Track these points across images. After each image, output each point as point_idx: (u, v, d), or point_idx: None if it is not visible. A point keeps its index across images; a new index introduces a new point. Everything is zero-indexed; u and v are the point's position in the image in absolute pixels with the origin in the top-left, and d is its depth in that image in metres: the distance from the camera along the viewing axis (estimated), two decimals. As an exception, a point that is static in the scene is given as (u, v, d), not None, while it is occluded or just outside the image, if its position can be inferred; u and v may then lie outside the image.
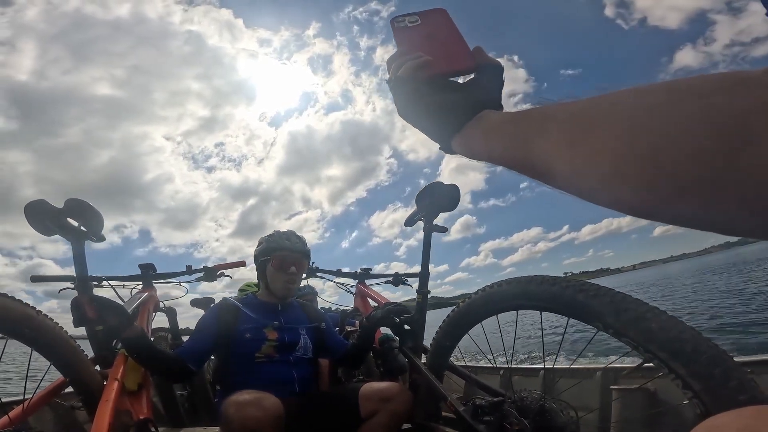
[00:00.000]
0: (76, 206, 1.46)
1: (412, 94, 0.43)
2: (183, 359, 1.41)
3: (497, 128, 0.36)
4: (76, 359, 1.34)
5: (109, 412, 1.12)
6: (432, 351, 1.46)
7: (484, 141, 0.37)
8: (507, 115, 0.37)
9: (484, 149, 0.38)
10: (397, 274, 2.35)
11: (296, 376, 1.52)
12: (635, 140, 0.23)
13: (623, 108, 0.24)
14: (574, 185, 0.28)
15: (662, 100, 0.22)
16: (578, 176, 0.27)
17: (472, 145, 0.40)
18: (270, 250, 1.62)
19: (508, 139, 0.34)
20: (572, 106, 0.29)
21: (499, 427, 1.11)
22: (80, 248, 1.53)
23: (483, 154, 0.38)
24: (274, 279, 1.62)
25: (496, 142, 0.35)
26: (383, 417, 1.34)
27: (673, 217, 0.23)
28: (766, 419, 0.35)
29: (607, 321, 0.86)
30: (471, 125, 0.40)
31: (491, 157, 0.37)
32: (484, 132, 0.38)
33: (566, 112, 0.29)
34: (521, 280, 1.11)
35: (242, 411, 1.18)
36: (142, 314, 1.69)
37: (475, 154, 0.40)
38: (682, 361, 0.73)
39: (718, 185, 0.20)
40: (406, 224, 1.73)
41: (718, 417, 0.38)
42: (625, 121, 0.24)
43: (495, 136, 0.36)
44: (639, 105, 0.24)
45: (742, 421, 0.36)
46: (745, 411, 0.38)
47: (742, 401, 0.66)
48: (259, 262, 1.65)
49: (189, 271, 2.01)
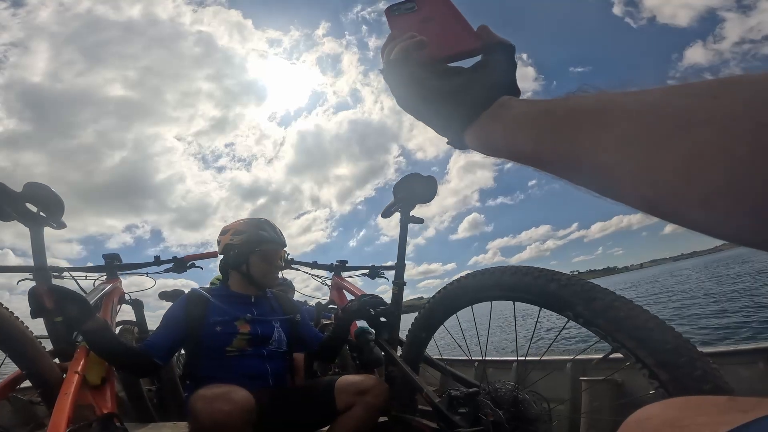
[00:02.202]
0: (36, 191, 1.38)
1: (408, 79, 0.39)
2: (148, 353, 1.36)
3: (529, 120, 0.31)
4: (32, 351, 1.28)
5: (68, 407, 1.07)
6: (407, 343, 1.45)
7: (510, 134, 0.32)
8: (539, 104, 0.32)
9: (509, 144, 0.32)
10: (374, 267, 2.33)
11: (270, 369, 1.48)
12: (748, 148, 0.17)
13: (722, 104, 0.19)
14: (643, 195, 0.22)
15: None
16: (659, 186, 0.21)
17: (493, 139, 0.34)
18: (258, 242, 1.56)
19: (547, 134, 0.28)
20: (635, 98, 0.24)
21: (474, 417, 1.11)
22: (39, 235, 1.45)
23: (505, 150, 0.33)
24: (262, 271, 1.57)
25: (527, 136, 0.30)
26: (359, 410, 1.32)
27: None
28: (691, 410, 0.35)
29: (577, 310, 0.87)
30: (490, 115, 0.34)
31: (517, 153, 0.31)
32: (509, 124, 0.32)
33: (636, 103, 0.24)
34: (495, 270, 1.11)
35: (211, 405, 1.14)
36: (106, 306, 1.62)
37: (495, 149, 0.34)
38: (649, 350, 0.73)
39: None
40: (383, 216, 1.72)
41: (647, 408, 0.38)
42: (727, 119, 0.19)
43: (526, 129, 0.31)
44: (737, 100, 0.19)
45: (668, 412, 0.36)
46: (673, 402, 0.37)
47: (707, 390, 0.66)
48: (238, 252, 1.57)
49: (157, 261, 1.94)
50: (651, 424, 0.37)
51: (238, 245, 1.56)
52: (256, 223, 1.61)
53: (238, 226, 1.61)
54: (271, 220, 1.65)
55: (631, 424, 0.39)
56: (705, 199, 0.19)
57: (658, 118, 0.22)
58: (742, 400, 0.34)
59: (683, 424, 0.34)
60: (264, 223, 1.61)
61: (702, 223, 0.20)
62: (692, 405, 0.37)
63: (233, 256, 1.57)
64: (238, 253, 1.56)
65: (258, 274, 1.56)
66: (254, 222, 1.61)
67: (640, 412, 0.39)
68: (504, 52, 0.39)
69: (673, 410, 0.37)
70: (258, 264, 1.56)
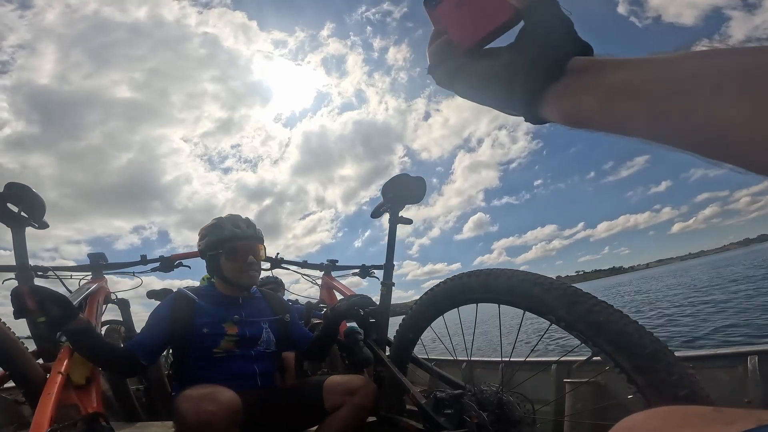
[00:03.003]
0: (17, 191, 1.36)
1: (454, 73, 0.38)
2: (133, 353, 1.35)
3: (635, 91, 0.28)
4: (14, 351, 1.27)
5: (50, 406, 1.07)
6: (395, 344, 1.45)
7: (613, 106, 0.29)
8: (635, 69, 0.29)
9: (614, 117, 0.29)
10: (364, 266, 2.33)
11: (258, 370, 1.48)
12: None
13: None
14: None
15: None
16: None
17: (585, 112, 0.31)
18: (220, 242, 1.50)
19: (659, 104, 0.26)
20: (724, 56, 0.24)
21: (458, 419, 1.12)
22: (21, 235, 1.43)
23: (607, 122, 0.30)
24: (233, 271, 1.50)
25: (638, 109, 0.27)
26: (348, 410, 1.32)
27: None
28: (674, 420, 0.35)
29: (559, 314, 0.87)
30: (572, 85, 0.31)
31: (622, 126, 0.29)
32: (609, 95, 0.29)
33: (740, 62, 0.23)
34: (481, 273, 1.11)
35: (196, 405, 1.13)
36: (91, 306, 1.61)
37: (588, 121, 0.31)
38: (626, 355, 0.74)
39: None
40: (372, 216, 1.71)
41: (631, 417, 0.38)
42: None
43: (634, 100, 0.28)
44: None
45: (652, 422, 0.36)
46: (657, 412, 0.37)
47: (682, 396, 0.67)
48: (209, 257, 1.53)
49: (144, 261, 1.92)
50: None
51: (204, 249, 1.52)
52: (218, 223, 1.53)
53: (203, 230, 1.55)
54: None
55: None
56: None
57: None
58: (727, 411, 0.34)
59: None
60: (226, 221, 1.53)
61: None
62: (677, 416, 0.37)
63: (207, 260, 1.53)
64: (209, 258, 1.51)
65: (230, 275, 1.49)
66: (216, 222, 1.54)
67: (624, 421, 0.39)
68: (546, 7, 0.35)
69: (656, 421, 0.37)
70: (227, 265, 1.49)
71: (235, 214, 1.58)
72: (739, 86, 0.23)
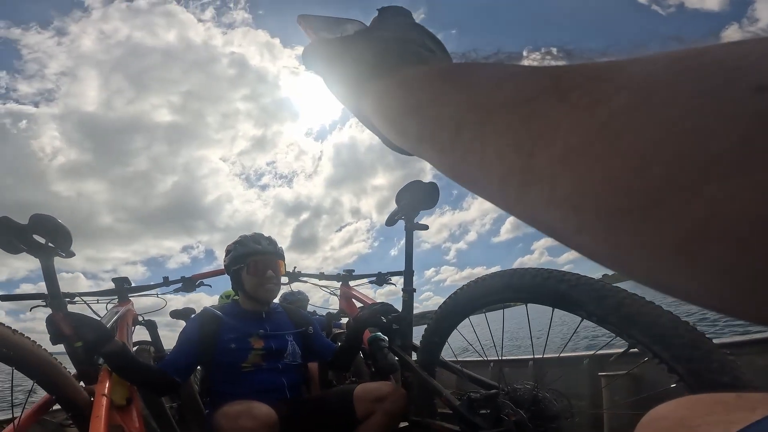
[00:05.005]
0: (42, 222, 1.40)
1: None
2: (167, 372, 1.38)
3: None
4: (59, 377, 1.31)
5: (102, 428, 1.09)
6: (422, 348, 1.46)
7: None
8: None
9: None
10: (381, 274, 2.33)
11: (286, 382, 1.49)
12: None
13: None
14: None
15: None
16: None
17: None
18: (242, 257, 1.56)
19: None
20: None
21: (495, 418, 1.12)
22: (49, 265, 1.47)
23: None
24: (253, 285, 1.56)
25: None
26: (379, 417, 1.33)
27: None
28: (701, 409, 0.36)
29: (589, 309, 0.87)
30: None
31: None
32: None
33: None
34: (505, 274, 1.12)
35: (235, 422, 1.17)
36: (121, 328, 1.64)
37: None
38: (664, 345, 0.74)
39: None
40: (387, 224, 1.72)
41: (659, 408, 0.39)
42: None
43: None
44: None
45: (680, 411, 0.37)
46: (684, 401, 0.39)
47: (724, 383, 0.67)
48: (233, 272, 1.59)
49: (166, 282, 1.95)
50: (663, 424, 0.38)
51: (228, 264, 1.59)
52: (242, 240, 1.61)
53: (228, 246, 1.63)
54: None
55: (645, 425, 0.40)
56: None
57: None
58: (749, 397, 0.35)
59: (694, 423, 0.35)
60: (248, 238, 1.61)
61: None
62: (702, 404, 0.38)
63: (231, 275, 1.60)
64: (233, 272, 1.58)
65: (250, 288, 1.55)
66: (240, 239, 1.62)
67: (652, 412, 0.40)
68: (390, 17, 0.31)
69: (684, 409, 0.38)
70: (247, 278, 1.55)
71: (258, 232, 1.66)
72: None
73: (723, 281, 0.11)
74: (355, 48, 0.29)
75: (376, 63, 0.27)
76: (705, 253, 0.11)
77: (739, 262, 0.10)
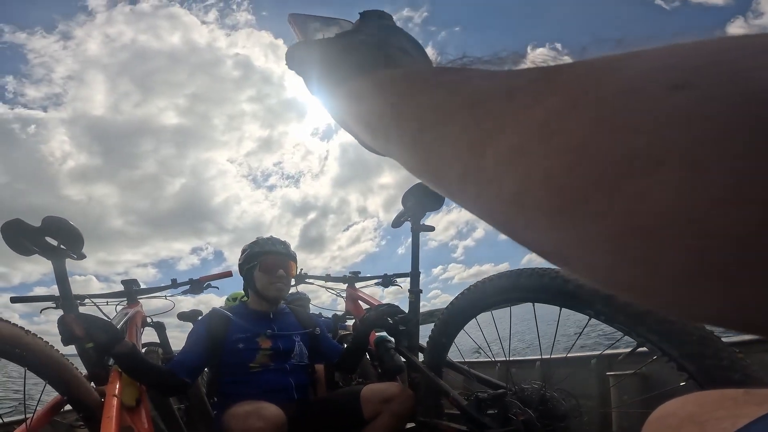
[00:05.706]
0: (54, 224, 1.42)
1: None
2: (177, 372, 1.39)
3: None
4: (70, 377, 1.33)
5: (113, 430, 1.10)
6: (429, 349, 1.46)
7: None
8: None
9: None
10: (386, 276, 2.34)
11: (293, 383, 1.50)
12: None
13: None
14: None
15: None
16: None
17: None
18: (256, 255, 1.59)
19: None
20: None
21: (503, 418, 1.12)
22: (61, 267, 1.49)
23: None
24: (263, 283, 1.58)
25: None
26: (386, 418, 1.34)
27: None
28: (709, 405, 0.37)
29: (597, 308, 0.87)
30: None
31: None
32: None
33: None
34: (511, 274, 1.12)
35: (244, 422, 1.18)
36: (131, 330, 1.66)
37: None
38: (673, 343, 0.74)
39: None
40: (393, 226, 1.73)
41: (667, 405, 0.39)
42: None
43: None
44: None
45: (688, 407, 0.37)
46: (692, 397, 0.39)
47: (736, 380, 0.67)
48: (246, 270, 1.62)
49: (174, 284, 1.97)
50: (672, 420, 0.38)
51: (243, 263, 1.63)
52: (257, 240, 1.66)
53: (244, 247, 1.68)
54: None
55: (653, 422, 0.40)
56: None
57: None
58: (757, 393, 0.35)
59: (702, 419, 0.35)
60: (263, 239, 1.66)
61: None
62: (710, 400, 0.38)
63: (243, 275, 1.63)
64: (245, 271, 1.61)
65: (260, 286, 1.58)
66: (256, 240, 1.67)
67: (660, 408, 0.40)
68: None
69: (692, 406, 0.38)
70: (259, 276, 1.58)
71: (273, 236, 1.71)
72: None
73: (652, 277, 0.11)
74: (332, 50, 0.30)
75: (351, 65, 0.28)
76: (630, 250, 0.11)
77: (660, 258, 0.11)
